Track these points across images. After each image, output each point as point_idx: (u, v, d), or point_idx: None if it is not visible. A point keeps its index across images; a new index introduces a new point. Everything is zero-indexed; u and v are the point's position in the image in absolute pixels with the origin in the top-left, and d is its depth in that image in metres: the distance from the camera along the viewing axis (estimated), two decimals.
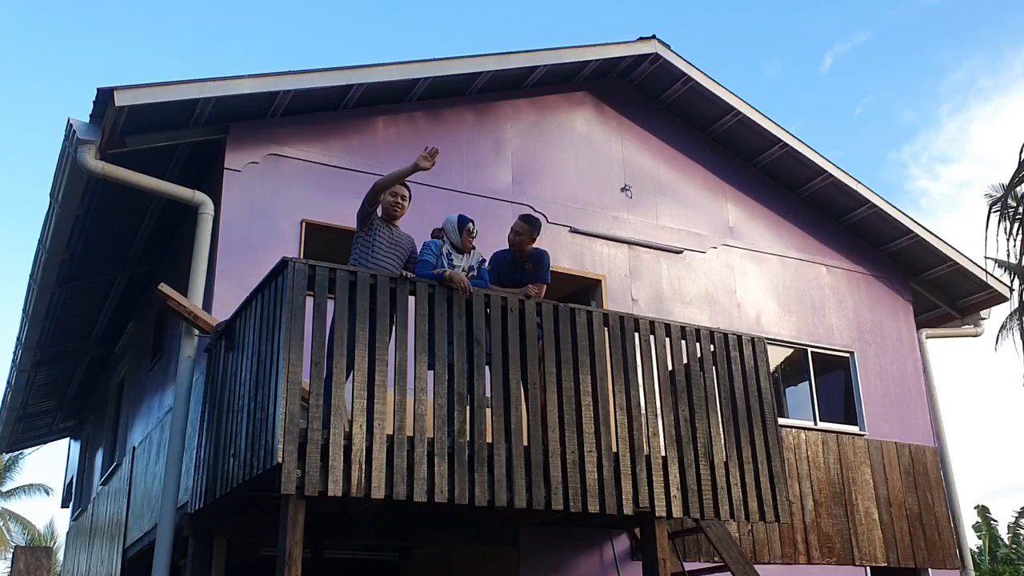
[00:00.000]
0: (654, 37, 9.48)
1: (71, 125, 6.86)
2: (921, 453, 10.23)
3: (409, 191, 6.22)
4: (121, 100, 6.59)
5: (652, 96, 10.02)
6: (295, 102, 7.63)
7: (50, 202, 7.71)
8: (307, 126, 7.87)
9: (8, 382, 11.99)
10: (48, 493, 33.27)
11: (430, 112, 8.59)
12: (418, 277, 5.63)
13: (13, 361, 11.21)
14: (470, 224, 6.13)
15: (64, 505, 16.34)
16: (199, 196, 7.20)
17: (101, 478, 11.27)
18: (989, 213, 5.03)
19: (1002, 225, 5.11)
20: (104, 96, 6.60)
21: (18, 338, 10.47)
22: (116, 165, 6.98)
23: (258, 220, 7.35)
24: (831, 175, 10.25)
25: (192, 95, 7.01)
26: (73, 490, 14.92)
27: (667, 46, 9.55)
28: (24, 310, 9.71)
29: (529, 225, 6.39)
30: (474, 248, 6.23)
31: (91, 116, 6.82)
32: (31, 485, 33.40)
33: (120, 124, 6.85)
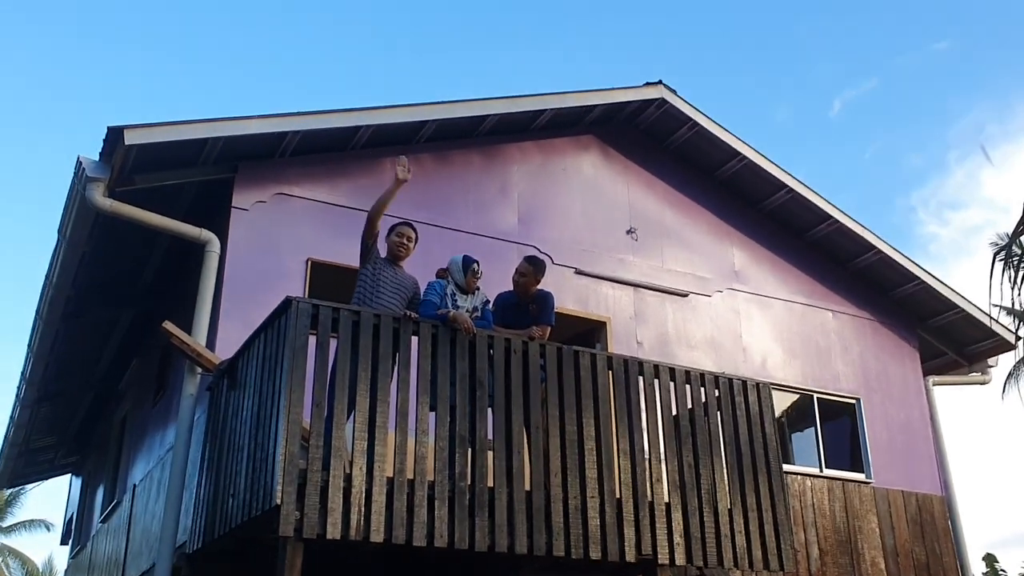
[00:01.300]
0: (660, 82, 9.57)
1: (80, 163, 6.91)
2: (928, 502, 10.10)
3: (416, 232, 6.23)
4: (131, 139, 6.65)
5: (658, 140, 10.08)
6: (303, 142, 7.69)
7: (58, 238, 7.75)
8: (315, 166, 7.92)
9: (11, 417, 11.96)
10: (48, 529, 33.04)
11: (437, 153, 8.65)
12: (421, 317, 5.63)
13: (17, 396, 11.19)
14: (475, 264, 6.14)
15: (64, 542, 16.21)
16: (206, 234, 7.23)
17: (101, 515, 11.19)
18: (994, 261, 5.02)
19: (1007, 273, 5.10)
20: (114, 134, 6.66)
21: (22, 373, 10.47)
22: (124, 203, 7.02)
23: (264, 259, 7.37)
24: (837, 220, 10.26)
25: (201, 134, 7.07)
26: (73, 527, 14.81)
27: (673, 91, 9.63)
28: (29, 345, 9.71)
29: (533, 267, 6.39)
30: (478, 289, 6.23)
31: (101, 154, 6.87)
32: (31, 521, 33.18)
33: (129, 162, 6.90)
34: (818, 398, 9.95)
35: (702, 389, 6.57)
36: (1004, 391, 24.69)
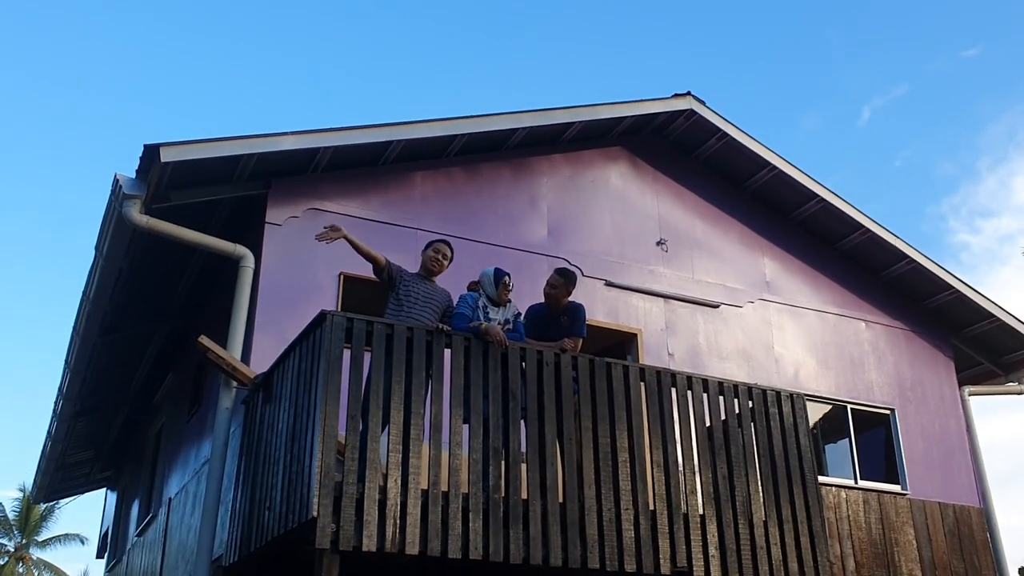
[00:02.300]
0: (689, 93, 9.57)
1: (117, 180, 7.02)
2: (966, 514, 9.96)
3: (452, 250, 6.29)
4: (167, 156, 6.75)
5: (687, 151, 10.07)
6: (335, 158, 7.77)
7: (95, 255, 7.87)
8: (347, 181, 8.00)
9: (48, 432, 12.13)
10: (83, 543, 33.43)
11: (467, 167, 8.70)
12: (454, 330, 5.66)
13: (54, 412, 11.36)
14: (506, 277, 6.16)
15: (99, 556, 16.39)
16: (240, 249, 7.31)
17: (137, 529, 11.30)
18: None
19: None
20: (150, 152, 6.76)
21: (60, 388, 10.62)
22: (160, 219, 7.12)
23: (297, 273, 7.44)
24: (869, 230, 10.19)
25: (236, 151, 7.16)
26: (109, 541, 14.96)
27: (702, 102, 9.63)
28: (66, 361, 9.86)
29: (564, 279, 6.41)
30: (510, 301, 6.25)
31: (137, 171, 6.98)
32: (67, 535, 33.58)
33: (165, 179, 7.01)
34: (852, 409, 9.86)
35: (735, 400, 6.54)
36: None
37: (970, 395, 10.87)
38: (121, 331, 9.32)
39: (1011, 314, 10.68)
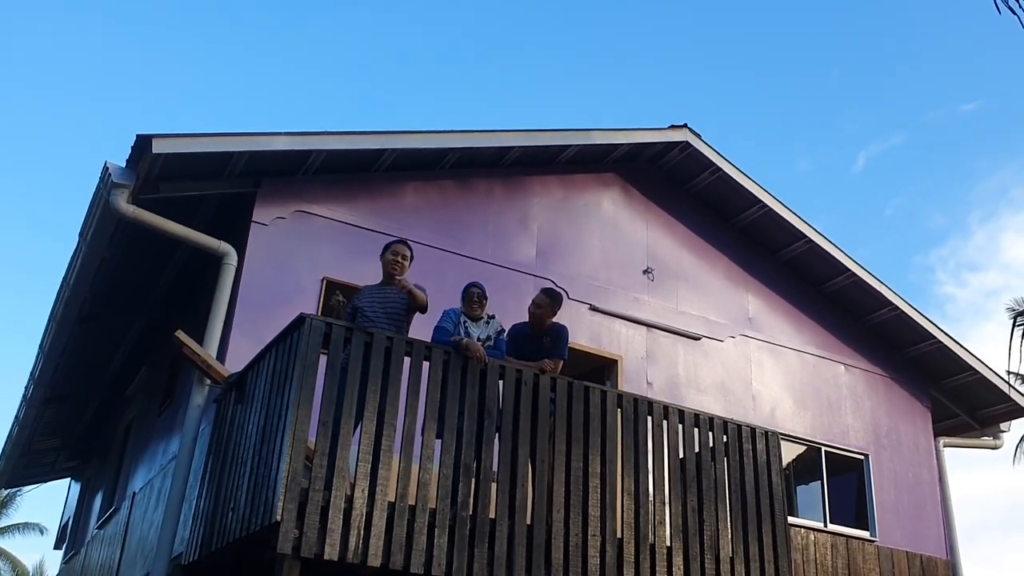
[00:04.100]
0: (685, 126, 9.60)
1: (107, 168, 6.97)
2: (933, 565, 9.95)
3: (410, 249, 6.23)
4: (159, 148, 6.71)
5: (680, 183, 10.09)
6: (328, 161, 7.74)
7: (79, 241, 7.79)
8: (337, 185, 7.96)
9: (16, 417, 11.97)
10: (43, 533, 32.90)
11: (460, 181, 8.69)
12: (434, 344, 5.61)
13: (24, 396, 11.21)
14: (474, 290, 6.10)
15: (58, 546, 16.14)
16: (224, 246, 7.26)
17: (98, 521, 11.14)
18: (1013, 326, 5.00)
19: None
20: (142, 143, 6.72)
21: (32, 373, 10.49)
22: (147, 210, 7.07)
23: (280, 274, 7.39)
24: (854, 274, 10.22)
25: (228, 148, 7.13)
26: (68, 531, 14.75)
27: (698, 135, 9.66)
28: (40, 346, 9.74)
29: (550, 299, 6.38)
30: (493, 318, 6.20)
31: (127, 161, 6.93)
32: (26, 524, 33.09)
33: (155, 171, 6.96)
34: (826, 451, 9.85)
35: (710, 433, 6.51)
36: (1016, 457, 24.37)
37: (945, 446, 10.90)
38: (99, 320, 9.22)
39: (991, 368, 10.73)
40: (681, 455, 6.31)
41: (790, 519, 8.21)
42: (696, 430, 6.45)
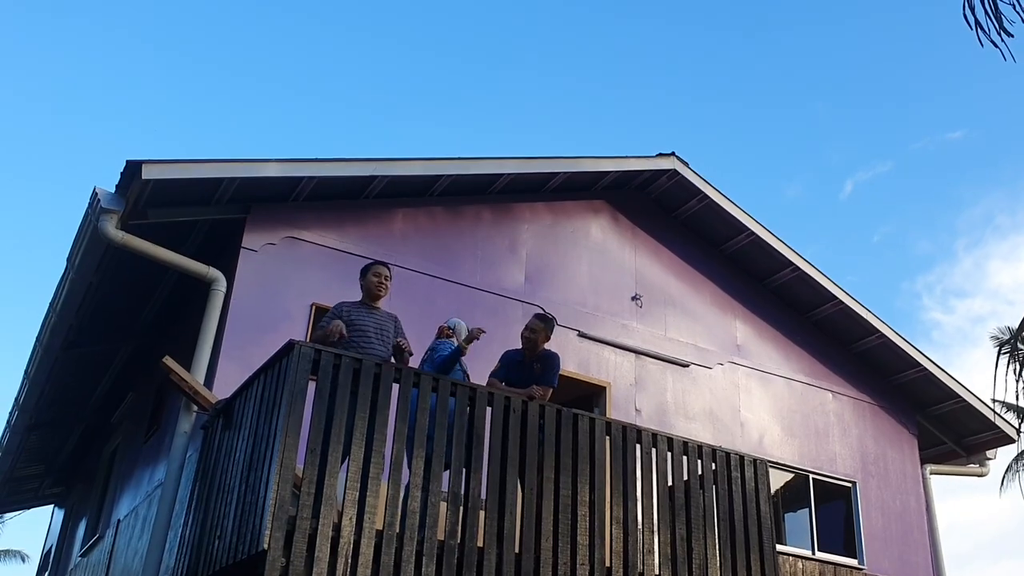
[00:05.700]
0: (673, 154, 9.68)
1: (96, 194, 6.96)
2: None
3: (390, 270, 6.28)
4: (148, 173, 6.71)
5: (668, 210, 10.15)
6: (318, 188, 7.76)
7: (66, 267, 7.77)
8: (327, 212, 7.98)
9: (0, 443, 11.86)
10: (24, 560, 32.47)
11: (450, 208, 8.72)
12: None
13: (8, 423, 11.11)
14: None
15: (39, 574, 15.93)
16: (213, 272, 7.25)
17: (81, 549, 11.01)
18: (999, 355, 5.03)
19: (1011, 367, 5.10)
20: (132, 168, 6.72)
21: (16, 399, 10.40)
22: (136, 236, 7.06)
23: (269, 301, 7.38)
24: (841, 302, 10.29)
25: (218, 174, 7.14)
26: (51, 560, 14.57)
27: (686, 163, 9.74)
28: (26, 372, 9.67)
29: (544, 324, 6.41)
30: (452, 337, 6.43)
31: (117, 186, 6.93)
32: (7, 551, 32.64)
33: (144, 196, 6.96)
34: (814, 479, 9.86)
35: (699, 461, 6.51)
36: (1002, 485, 24.42)
37: (932, 474, 10.92)
38: (85, 346, 9.17)
39: (977, 396, 10.78)
40: (670, 483, 6.30)
41: (778, 547, 8.19)
42: (685, 458, 6.45)
